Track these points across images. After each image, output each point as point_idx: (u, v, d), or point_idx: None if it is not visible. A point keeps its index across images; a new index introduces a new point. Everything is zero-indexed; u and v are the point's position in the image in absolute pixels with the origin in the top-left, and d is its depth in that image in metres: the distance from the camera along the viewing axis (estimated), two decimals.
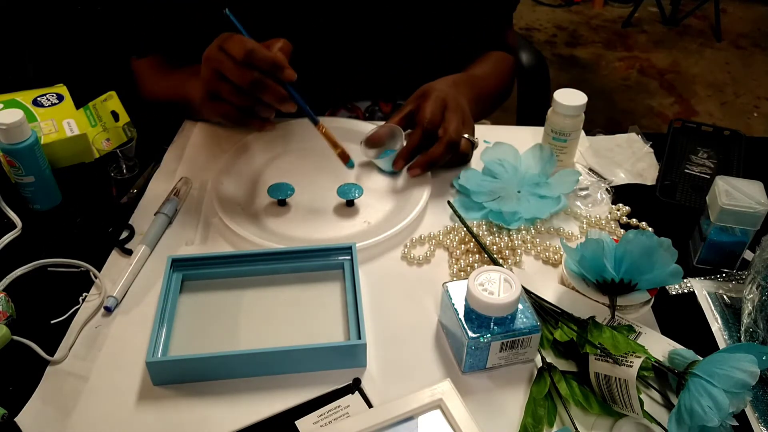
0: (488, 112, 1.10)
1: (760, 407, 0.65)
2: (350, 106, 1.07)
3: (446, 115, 0.85)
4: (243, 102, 0.79)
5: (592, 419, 0.63)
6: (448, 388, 0.61)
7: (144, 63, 1.04)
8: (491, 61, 1.08)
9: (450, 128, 0.84)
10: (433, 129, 0.85)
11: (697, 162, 0.95)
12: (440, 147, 0.84)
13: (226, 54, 0.76)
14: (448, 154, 0.85)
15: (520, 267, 0.79)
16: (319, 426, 0.61)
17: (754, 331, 0.68)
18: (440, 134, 0.85)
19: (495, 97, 1.08)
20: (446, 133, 0.84)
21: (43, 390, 0.65)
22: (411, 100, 0.89)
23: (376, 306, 0.73)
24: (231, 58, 0.75)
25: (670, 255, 0.68)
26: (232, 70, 0.76)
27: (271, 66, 0.76)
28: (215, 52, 0.77)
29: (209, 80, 0.79)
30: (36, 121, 0.91)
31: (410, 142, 0.86)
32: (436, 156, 0.85)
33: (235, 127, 0.98)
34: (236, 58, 0.75)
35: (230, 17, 0.79)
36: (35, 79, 1.23)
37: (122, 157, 0.90)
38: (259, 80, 0.76)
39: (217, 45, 0.77)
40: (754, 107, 2.82)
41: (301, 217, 0.85)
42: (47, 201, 0.86)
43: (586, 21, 3.51)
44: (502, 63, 1.10)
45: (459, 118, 0.86)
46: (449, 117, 0.85)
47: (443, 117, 0.85)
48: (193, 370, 0.65)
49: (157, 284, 0.75)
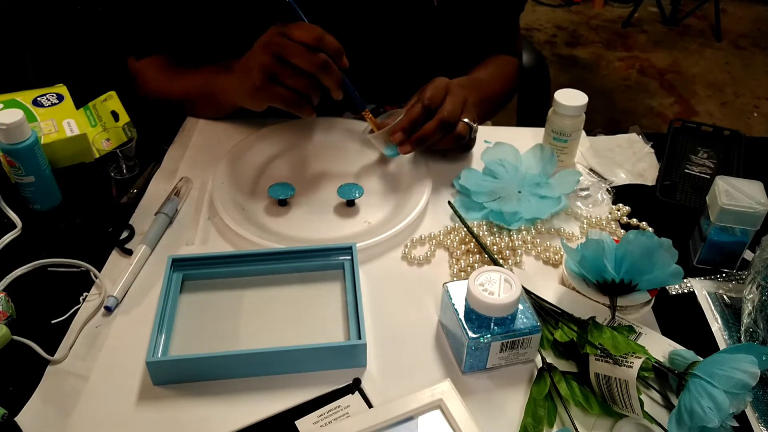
0: (491, 115, 1.10)
1: (760, 407, 0.65)
2: (355, 109, 1.07)
3: (446, 98, 0.86)
4: (303, 86, 0.82)
5: (592, 420, 0.63)
6: (448, 388, 0.61)
7: (147, 63, 1.04)
8: (496, 65, 1.08)
9: (446, 108, 0.85)
10: (432, 106, 0.85)
11: (697, 162, 0.95)
12: (432, 123, 0.84)
13: (291, 39, 0.79)
14: (440, 133, 0.85)
15: (520, 267, 0.79)
16: (319, 426, 0.61)
17: (754, 331, 0.68)
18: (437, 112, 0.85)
19: (498, 100, 1.08)
20: (442, 111, 0.84)
21: (43, 390, 0.65)
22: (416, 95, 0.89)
23: (376, 306, 0.73)
24: (297, 43, 0.79)
25: (670, 255, 0.68)
26: (301, 54, 0.79)
27: (337, 51, 0.81)
28: (278, 38, 0.80)
29: (269, 64, 0.80)
30: (36, 121, 0.91)
31: (409, 114, 0.85)
32: (427, 132, 0.84)
33: (237, 126, 0.98)
34: (307, 41, 0.79)
35: (293, 5, 0.83)
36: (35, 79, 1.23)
37: (122, 157, 0.90)
38: (327, 63, 0.80)
39: (278, 31, 0.80)
40: (754, 107, 2.81)
41: (301, 217, 0.85)
42: (47, 201, 0.86)
43: (586, 21, 3.51)
44: (507, 66, 1.10)
45: (458, 102, 0.86)
46: (448, 99, 0.86)
47: (443, 99, 0.86)
48: (193, 370, 0.65)
49: (157, 284, 0.75)
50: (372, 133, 0.88)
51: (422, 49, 1.02)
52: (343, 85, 0.84)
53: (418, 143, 0.85)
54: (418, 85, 0.91)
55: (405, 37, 1.01)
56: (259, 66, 0.81)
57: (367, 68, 1.03)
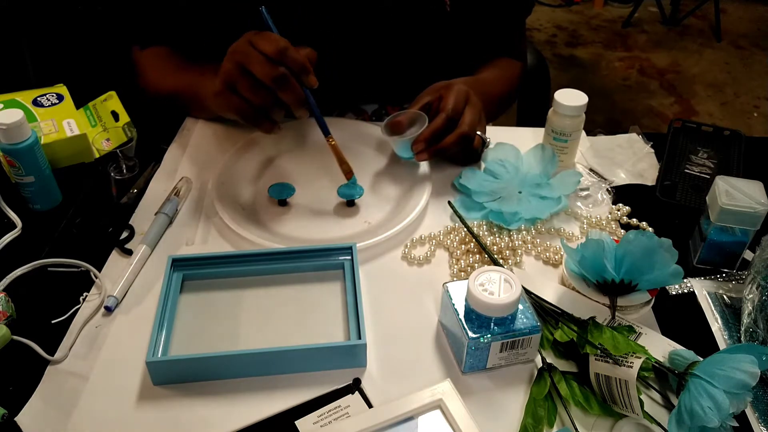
0: (493, 117, 1.10)
1: (760, 407, 0.65)
2: (357, 110, 1.08)
3: (466, 108, 0.86)
4: (259, 99, 0.78)
5: (592, 420, 0.63)
6: (448, 388, 0.61)
7: (148, 54, 1.03)
8: (500, 67, 1.08)
9: (466, 121, 0.85)
10: (456, 117, 0.85)
11: (697, 162, 0.95)
12: (453, 137, 0.85)
13: (256, 49, 0.76)
14: (459, 146, 0.86)
15: (520, 267, 0.79)
16: (319, 426, 0.61)
17: (754, 331, 0.68)
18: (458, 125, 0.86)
19: (501, 102, 1.08)
20: (462, 125, 0.85)
21: (43, 390, 0.65)
22: (429, 92, 0.90)
23: (376, 306, 0.73)
24: (261, 53, 0.76)
25: (670, 255, 0.68)
26: (260, 64, 0.76)
27: (300, 67, 0.77)
28: (244, 46, 0.77)
29: (230, 73, 0.78)
30: (36, 121, 0.91)
31: (433, 125, 0.85)
32: (446, 144, 0.85)
33: (237, 126, 0.98)
34: (268, 53, 0.75)
35: (264, 15, 0.80)
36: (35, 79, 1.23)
37: (122, 157, 0.90)
38: (285, 77, 0.76)
39: (246, 39, 0.78)
40: (754, 107, 2.81)
41: (301, 217, 0.85)
42: (47, 201, 0.86)
43: (586, 21, 3.51)
44: (511, 69, 1.10)
45: (477, 114, 0.87)
46: (468, 111, 0.86)
47: (463, 110, 0.86)
48: (193, 370, 0.65)
49: (157, 284, 0.75)
50: (394, 136, 0.88)
51: (428, 52, 1.02)
52: (308, 106, 0.80)
53: (436, 154, 0.86)
54: (421, 87, 0.91)
55: (413, 39, 1.00)
56: (222, 72, 0.79)
57: (374, 71, 1.03)
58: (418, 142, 0.85)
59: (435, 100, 0.88)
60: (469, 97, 0.87)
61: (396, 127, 0.89)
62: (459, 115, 0.86)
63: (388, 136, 0.88)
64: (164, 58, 1.02)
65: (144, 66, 1.03)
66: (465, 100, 0.87)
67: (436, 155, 0.86)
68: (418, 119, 0.88)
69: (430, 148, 0.85)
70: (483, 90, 0.97)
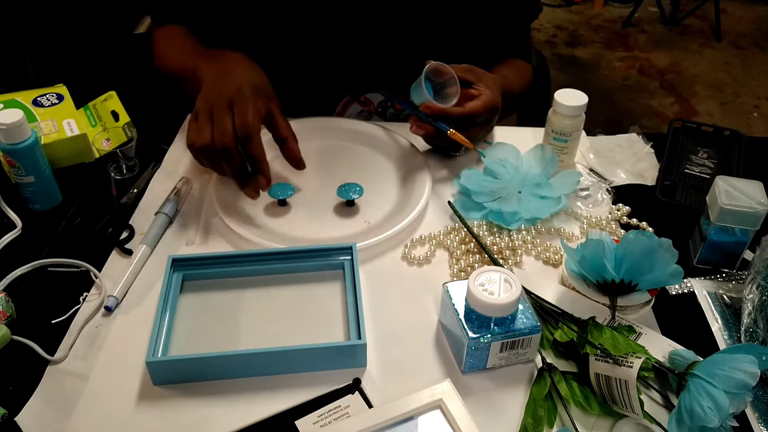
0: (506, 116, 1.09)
1: (760, 407, 0.65)
2: (363, 100, 1.07)
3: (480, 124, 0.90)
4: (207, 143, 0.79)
5: (592, 420, 0.63)
6: (448, 388, 0.61)
7: (163, 32, 1.03)
8: (516, 66, 1.08)
9: (470, 133, 0.88)
10: (470, 125, 0.88)
11: (697, 162, 0.95)
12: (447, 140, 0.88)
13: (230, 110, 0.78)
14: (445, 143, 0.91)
15: (520, 267, 0.79)
16: (319, 426, 0.61)
17: (754, 331, 0.68)
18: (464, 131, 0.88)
19: (517, 103, 1.09)
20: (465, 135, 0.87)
21: (43, 390, 0.65)
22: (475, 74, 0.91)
23: (376, 306, 0.73)
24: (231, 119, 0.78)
25: (670, 255, 0.68)
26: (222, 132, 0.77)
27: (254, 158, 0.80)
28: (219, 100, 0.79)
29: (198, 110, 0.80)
30: (36, 121, 0.91)
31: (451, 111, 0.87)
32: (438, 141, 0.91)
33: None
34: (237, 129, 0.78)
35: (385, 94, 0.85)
36: (35, 79, 1.23)
37: (122, 157, 0.90)
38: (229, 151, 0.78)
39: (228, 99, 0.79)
40: (754, 107, 2.81)
41: (301, 217, 0.85)
42: (47, 201, 0.86)
43: (586, 21, 3.51)
44: (525, 70, 1.10)
45: (485, 132, 0.95)
46: (479, 127, 0.90)
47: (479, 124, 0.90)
48: (193, 370, 0.65)
49: (157, 284, 0.75)
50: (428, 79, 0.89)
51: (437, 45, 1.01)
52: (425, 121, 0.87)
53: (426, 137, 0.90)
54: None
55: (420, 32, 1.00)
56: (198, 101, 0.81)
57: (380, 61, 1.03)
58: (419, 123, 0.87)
59: (473, 83, 0.90)
60: (493, 117, 0.91)
61: (436, 72, 0.89)
62: (474, 125, 0.88)
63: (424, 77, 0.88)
64: (176, 37, 1.01)
65: (156, 43, 1.03)
66: (488, 119, 0.90)
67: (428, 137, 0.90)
68: (454, 84, 0.88)
69: (426, 132, 0.88)
70: (507, 90, 0.97)
